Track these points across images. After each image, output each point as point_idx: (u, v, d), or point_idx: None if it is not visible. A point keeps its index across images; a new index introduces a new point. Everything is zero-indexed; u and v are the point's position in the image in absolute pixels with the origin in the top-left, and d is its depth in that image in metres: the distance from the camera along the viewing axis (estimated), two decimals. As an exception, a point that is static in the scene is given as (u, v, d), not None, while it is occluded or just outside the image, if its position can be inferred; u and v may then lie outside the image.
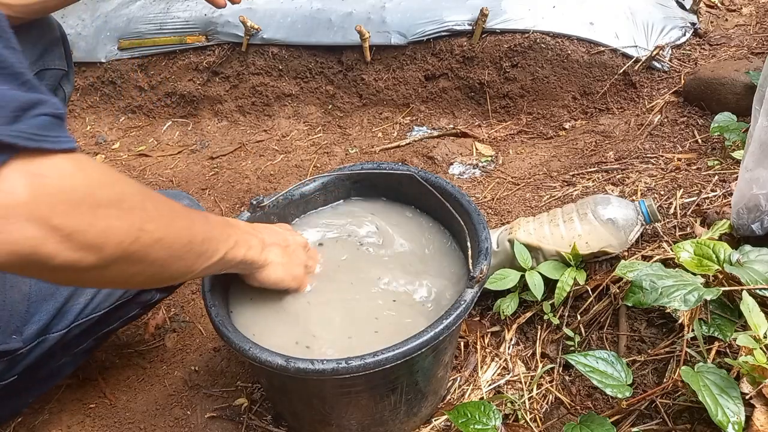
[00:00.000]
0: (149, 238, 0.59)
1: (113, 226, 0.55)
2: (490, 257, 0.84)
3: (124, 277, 0.60)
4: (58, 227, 0.49)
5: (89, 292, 0.88)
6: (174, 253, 0.64)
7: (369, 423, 0.89)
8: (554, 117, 1.66)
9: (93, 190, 0.53)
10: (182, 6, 2.04)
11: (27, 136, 0.47)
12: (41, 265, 0.51)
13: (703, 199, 1.10)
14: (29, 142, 0.47)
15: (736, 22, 1.76)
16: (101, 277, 0.58)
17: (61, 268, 0.52)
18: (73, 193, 0.51)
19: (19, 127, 0.47)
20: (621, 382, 0.79)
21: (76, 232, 0.51)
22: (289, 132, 1.91)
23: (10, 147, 0.46)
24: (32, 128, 0.48)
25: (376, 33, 1.76)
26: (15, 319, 0.80)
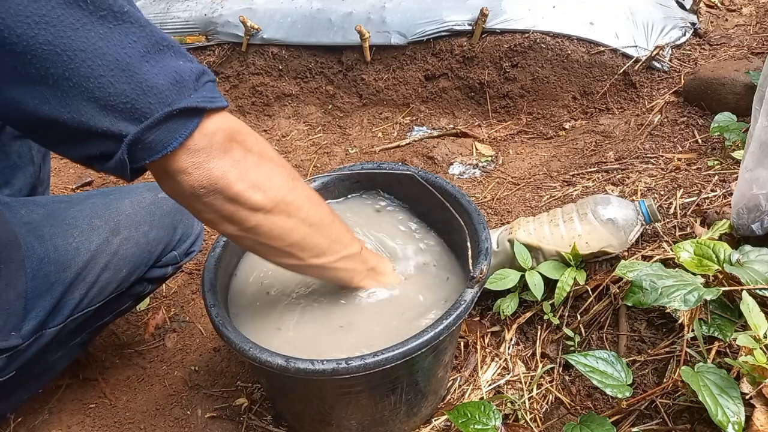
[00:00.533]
0: (301, 192, 0.74)
1: (274, 174, 0.70)
2: (490, 257, 0.84)
3: (281, 231, 0.72)
4: (238, 164, 0.65)
5: (83, 287, 0.89)
6: (321, 218, 0.77)
7: (369, 423, 0.89)
8: (554, 117, 1.66)
9: (258, 142, 0.69)
10: (182, 6, 2.04)
11: (207, 100, 0.62)
12: (225, 191, 0.65)
13: (703, 199, 1.10)
14: (209, 104, 0.62)
15: (736, 22, 1.76)
16: (264, 222, 0.70)
17: (237, 199, 0.66)
18: (247, 142, 0.67)
19: (202, 94, 0.61)
20: (621, 382, 0.79)
21: (249, 170, 0.66)
22: (289, 132, 1.91)
23: (200, 111, 0.61)
24: (208, 92, 0.62)
25: (376, 33, 1.76)
26: (13, 317, 0.81)
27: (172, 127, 0.60)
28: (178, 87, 0.60)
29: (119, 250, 0.92)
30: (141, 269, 0.97)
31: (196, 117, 0.61)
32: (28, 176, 1.07)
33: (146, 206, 0.98)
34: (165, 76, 0.59)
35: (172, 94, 0.59)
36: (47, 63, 0.54)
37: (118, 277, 0.94)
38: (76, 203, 0.94)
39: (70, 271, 0.87)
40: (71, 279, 0.87)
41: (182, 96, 0.60)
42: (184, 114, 0.60)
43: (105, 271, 0.91)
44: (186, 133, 0.60)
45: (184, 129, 0.60)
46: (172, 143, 0.60)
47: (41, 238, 0.86)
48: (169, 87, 0.59)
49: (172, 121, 0.60)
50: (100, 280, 0.91)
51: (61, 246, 0.87)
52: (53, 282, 0.85)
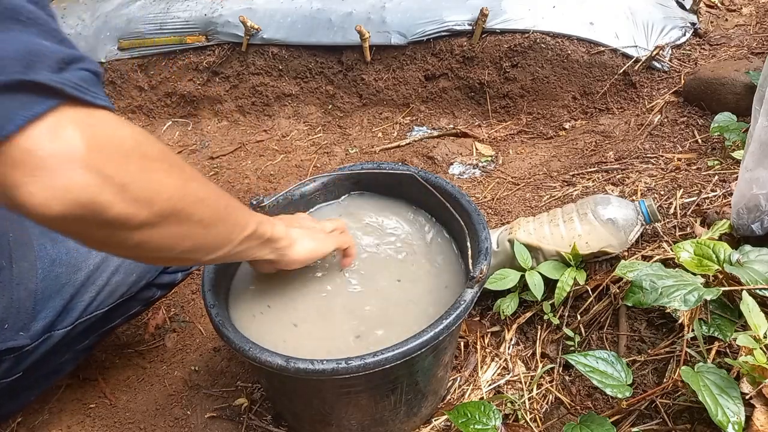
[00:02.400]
0: (194, 196, 0.59)
1: (162, 181, 0.55)
2: (490, 257, 0.84)
3: (171, 241, 0.59)
4: (113, 177, 0.49)
5: (93, 290, 0.89)
6: (215, 215, 0.64)
7: (369, 423, 0.89)
8: (554, 117, 1.66)
9: (140, 144, 0.53)
10: (182, 6, 2.04)
11: (73, 85, 0.47)
12: (98, 216, 0.49)
13: (703, 199, 1.10)
14: (75, 91, 0.47)
15: (736, 22, 1.76)
16: (150, 239, 0.56)
17: (114, 223, 0.51)
18: (124, 145, 0.51)
19: (65, 76, 0.47)
20: (621, 382, 0.79)
21: (129, 183, 0.50)
22: (289, 132, 1.91)
23: (56, 92, 0.46)
24: (77, 79, 0.48)
25: (376, 33, 1.76)
26: (22, 317, 0.81)
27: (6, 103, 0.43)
28: (28, 59, 0.45)
29: None
30: (151, 274, 0.98)
31: (48, 99, 0.45)
32: None
33: None
34: (12, 44, 0.45)
35: (17, 65, 0.44)
36: None
37: (128, 281, 0.94)
38: None
39: (80, 273, 0.88)
40: (82, 281, 0.88)
41: (30, 70, 0.44)
42: (26, 89, 0.44)
43: (115, 275, 0.92)
44: (25, 116, 0.43)
45: (23, 110, 0.44)
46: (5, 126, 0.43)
47: (54, 240, 0.87)
48: (14, 55, 0.44)
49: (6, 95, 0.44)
50: (110, 283, 0.91)
51: (72, 248, 0.88)
52: (64, 283, 0.86)
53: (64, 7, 2.30)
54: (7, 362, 0.82)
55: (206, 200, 0.62)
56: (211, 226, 0.63)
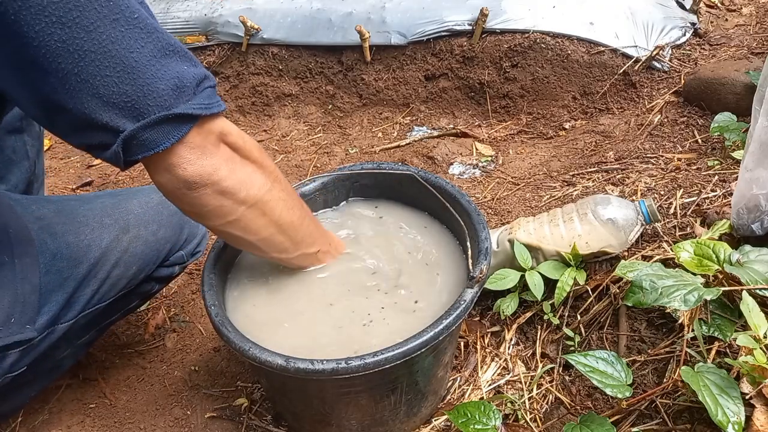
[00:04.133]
0: (278, 194, 0.79)
1: (256, 174, 0.76)
2: (490, 257, 0.84)
3: (254, 226, 0.78)
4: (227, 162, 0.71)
5: (95, 283, 0.91)
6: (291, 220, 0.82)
7: (369, 423, 0.89)
8: (554, 117, 1.66)
9: (246, 145, 0.75)
10: (182, 6, 2.04)
11: (203, 106, 0.67)
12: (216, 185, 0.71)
13: (703, 199, 1.10)
14: (205, 110, 0.67)
15: (736, 22, 1.76)
16: (243, 217, 0.76)
17: (225, 192, 0.72)
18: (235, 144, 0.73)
19: (197, 101, 0.66)
20: (621, 382, 0.79)
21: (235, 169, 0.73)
22: (289, 132, 1.91)
23: (194, 117, 0.66)
24: (205, 99, 0.67)
25: (376, 33, 1.76)
26: (28, 310, 0.83)
27: (166, 129, 0.65)
28: (177, 92, 0.65)
29: (129, 247, 0.95)
30: (150, 267, 1.00)
31: (189, 123, 0.66)
32: (23, 171, 1.09)
33: (154, 206, 1.00)
34: (167, 81, 0.64)
35: (171, 99, 0.64)
36: (59, 58, 0.59)
37: (128, 274, 0.96)
38: (86, 202, 0.96)
39: (82, 267, 0.89)
40: (83, 274, 0.90)
41: (180, 101, 0.65)
42: (178, 119, 0.65)
43: (116, 268, 0.94)
44: (178, 135, 0.66)
45: (176, 132, 0.66)
46: (164, 143, 0.65)
47: (53, 234, 0.88)
48: (169, 92, 0.64)
49: (166, 123, 0.65)
50: (111, 276, 0.93)
51: (72, 242, 0.89)
52: (66, 277, 0.88)
53: (64, 7, 2.29)
54: (14, 355, 0.83)
55: (287, 202, 0.82)
56: (283, 228, 0.82)
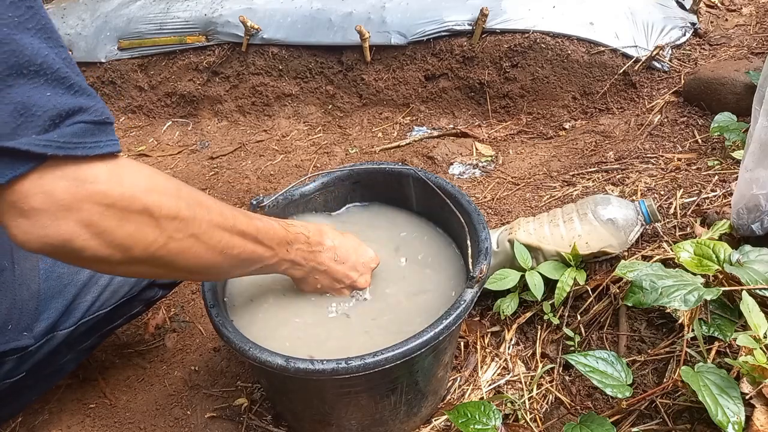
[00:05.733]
0: (177, 246, 0.62)
1: (142, 231, 0.58)
2: (490, 257, 0.84)
3: (155, 275, 0.66)
4: (90, 225, 0.54)
5: (96, 290, 0.90)
6: (202, 263, 0.66)
7: (369, 423, 0.89)
8: (554, 117, 1.66)
9: (125, 192, 0.56)
10: (182, 6, 2.04)
11: (59, 145, 0.51)
12: (73, 255, 0.56)
13: (703, 199, 1.10)
14: (60, 150, 0.51)
15: (736, 22, 1.76)
16: (129, 272, 0.63)
17: (92, 260, 0.57)
18: (107, 197, 0.55)
19: (52, 136, 0.51)
20: (621, 382, 0.79)
21: (105, 232, 0.56)
22: (289, 132, 1.91)
23: (39, 156, 0.50)
24: (67, 136, 0.52)
25: (376, 33, 1.76)
26: (25, 317, 0.82)
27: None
28: (17, 121, 0.50)
29: None
30: None
31: (28, 162, 0.50)
32: None
33: None
34: (5, 105, 0.49)
35: (5, 128, 0.49)
36: None
37: (130, 281, 0.95)
38: None
39: (82, 273, 0.89)
40: (84, 281, 0.89)
41: (18, 133, 0.50)
42: (9, 155, 0.50)
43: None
44: (8, 175, 0.50)
45: (6, 171, 0.50)
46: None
47: None
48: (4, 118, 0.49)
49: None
50: (112, 283, 0.92)
51: None
52: (66, 284, 0.87)
53: (64, 7, 2.30)
54: (11, 362, 0.82)
55: (196, 251, 0.64)
56: (195, 271, 0.67)
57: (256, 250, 0.74)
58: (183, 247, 0.63)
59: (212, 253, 0.67)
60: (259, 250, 0.74)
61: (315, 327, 0.87)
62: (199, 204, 0.65)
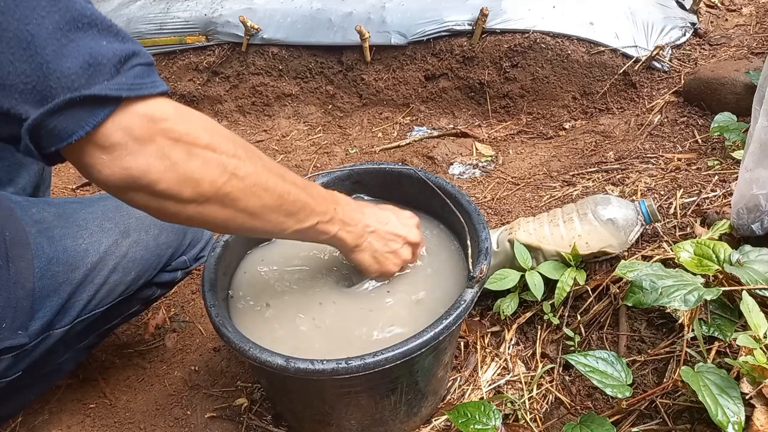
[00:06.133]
0: (240, 183, 0.65)
1: (208, 166, 0.62)
2: (490, 257, 0.84)
3: (219, 219, 0.66)
4: (163, 158, 0.58)
5: (92, 288, 0.89)
6: (264, 204, 0.69)
7: (369, 423, 0.89)
8: (554, 117, 1.66)
9: (190, 129, 0.61)
10: (182, 6, 2.04)
11: (128, 87, 0.56)
12: (149, 189, 0.59)
13: (703, 199, 1.10)
14: (130, 92, 0.56)
15: (736, 22, 1.76)
16: (199, 214, 0.64)
17: (165, 195, 0.60)
18: (175, 132, 0.59)
19: (120, 80, 0.55)
20: (621, 382, 0.79)
21: (177, 164, 0.59)
22: (289, 132, 1.91)
23: (115, 99, 0.55)
24: (132, 78, 0.56)
25: (376, 33, 1.76)
26: (20, 316, 0.81)
27: (78, 114, 0.54)
28: (89, 72, 0.54)
29: (128, 252, 0.93)
30: (150, 272, 0.98)
31: (108, 106, 0.55)
32: (31, 175, 1.08)
33: None
34: (75, 58, 0.53)
35: (81, 79, 0.54)
36: None
37: (127, 280, 0.94)
38: (88, 205, 0.94)
39: (78, 272, 0.87)
40: (79, 280, 0.88)
41: (93, 82, 0.54)
42: (91, 102, 0.54)
43: (113, 273, 0.92)
44: (93, 122, 0.54)
45: (90, 118, 0.54)
46: (78, 132, 0.54)
47: (51, 239, 0.86)
48: (77, 71, 0.53)
49: (77, 108, 0.54)
50: (108, 282, 0.91)
51: (70, 247, 0.88)
52: (61, 282, 0.86)
53: (64, 7, 2.30)
54: (6, 361, 0.81)
55: (255, 188, 0.67)
56: (257, 216, 0.69)
57: (309, 201, 0.75)
58: (245, 185, 0.66)
59: (271, 195, 0.69)
60: (311, 202, 0.75)
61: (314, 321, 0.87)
62: (251, 149, 0.68)
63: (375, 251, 0.86)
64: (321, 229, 0.78)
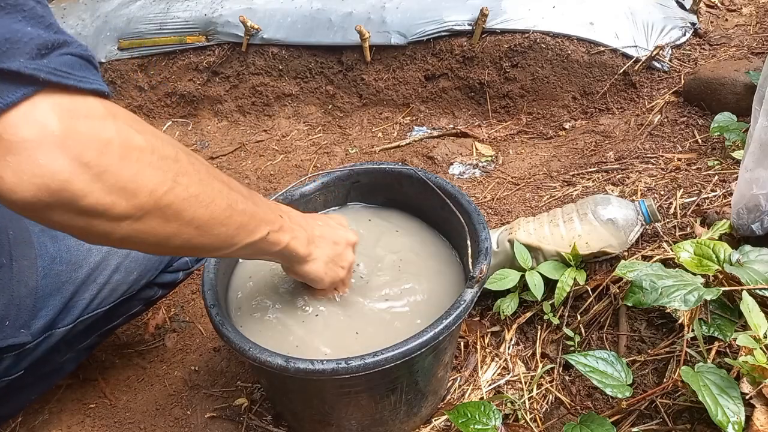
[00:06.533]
0: (184, 191, 0.55)
1: (146, 172, 0.51)
2: (490, 257, 0.84)
3: (160, 236, 0.56)
4: (89, 164, 0.47)
5: (94, 288, 0.90)
6: (212, 216, 0.60)
7: (369, 423, 0.89)
8: (554, 117, 1.66)
9: (125, 133, 0.50)
10: (182, 6, 2.04)
11: (50, 70, 0.46)
12: (71, 205, 0.48)
13: (703, 199, 1.10)
14: (52, 76, 0.46)
15: (736, 22, 1.76)
16: (136, 232, 0.54)
17: (92, 212, 0.49)
18: (105, 132, 0.48)
19: (42, 62, 0.46)
20: (621, 382, 0.79)
21: (107, 172, 0.48)
22: (289, 132, 1.91)
23: (32, 79, 0.45)
24: (57, 65, 0.47)
25: (376, 33, 1.76)
26: (23, 314, 0.81)
27: None
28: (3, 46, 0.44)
29: (131, 252, 0.93)
30: (152, 273, 0.98)
31: (20, 88, 0.44)
32: None
33: None
34: None
35: None
36: None
37: (129, 280, 0.94)
38: None
39: (81, 271, 0.88)
40: (82, 279, 0.88)
41: (4, 58, 0.44)
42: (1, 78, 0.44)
43: (116, 273, 0.92)
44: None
45: None
46: None
47: (54, 237, 0.87)
48: None
49: None
50: (110, 281, 0.92)
51: (73, 246, 0.88)
52: (64, 281, 0.86)
53: (64, 7, 2.30)
54: (8, 360, 0.82)
55: (200, 197, 0.58)
56: (205, 228, 0.60)
57: (257, 210, 0.67)
58: (190, 194, 0.56)
59: (218, 205, 0.60)
60: (259, 211, 0.68)
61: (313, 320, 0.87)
62: (192, 154, 0.59)
63: (326, 258, 0.80)
64: (272, 240, 0.70)
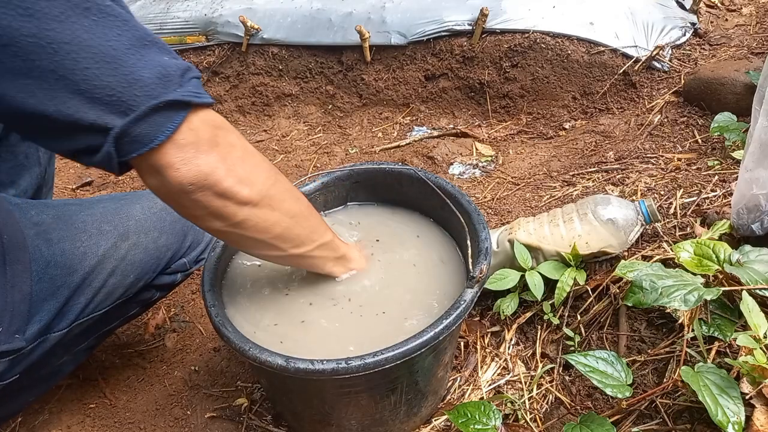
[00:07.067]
0: (282, 185, 0.75)
1: (257, 168, 0.71)
2: (490, 257, 0.84)
3: (269, 222, 0.73)
4: (225, 160, 0.66)
5: (89, 292, 0.88)
6: (300, 210, 0.79)
7: (369, 423, 0.89)
8: (554, 117, 1.66)
9: (240, 138, 0.70)
10: (182, 6, 2.04)
11: (193, 95, 0.63)
12: (214, 188, 0.65)
13: (703, 199, 1.10)
14: (195, 98, 0.63)
15: (736, 22, 1.76)
16: (252, 216, 0.71)
17: (226, 195, 0.67)
18: (231, 137, 0.68)
19: (188, 89, 0.62)
20: (621, 382, 0.79)
21: (235, 167, 0.67)
22: (289, 132, 1.91)
23: (187, 104, 0.62)
24: (193, 88, 0.63)
25: (376, 33, 1.76)
26: (17, 319, 0.80)
27: (159, 120, 0.60)
28: (164, 81, 0.60)
29: (127, 255, 0.92)
30: (149, 275, 0.97)
31: (183, 111, 0.62)
32: (33, 177, 1.07)
33: (157, 212, 0.98)
34: (151, 69, 0.60)
35: (158, 88, 0.60)
36: (32, 55, 0.54)
37: (125, 283, 0.93)
38: (87, 207, 0.93)
39: (76, 275, 0.87)
40: (77, 283, 0.87)
41: (168, 90, 0.61)
42: (170, 107, 0.61)
43: (112, 276, 0.91)
44: (173, 126, 0.61)
45: (170, 122, 0.61)
46: (159, 136, 0.60)
47: (49, 242, 0.85)
48: (155, 80, 0.60)
49: (158, 114, 0.60)
50: (106, 285, 0.90)
51: (68, 250, 0.87)
52: (59, 286, 0.85)
53: (64, 7, 2.30)
54: (3, 364, 0.80)
55: (292, 192, 0.78)
56: (297, 218, 0.78)
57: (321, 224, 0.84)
58: (285, 188, 0.76)
59: (303, 201, 0.80)
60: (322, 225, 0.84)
61: (313, 320, 0.87)
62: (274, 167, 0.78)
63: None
64: (335, 245, 0.87)
